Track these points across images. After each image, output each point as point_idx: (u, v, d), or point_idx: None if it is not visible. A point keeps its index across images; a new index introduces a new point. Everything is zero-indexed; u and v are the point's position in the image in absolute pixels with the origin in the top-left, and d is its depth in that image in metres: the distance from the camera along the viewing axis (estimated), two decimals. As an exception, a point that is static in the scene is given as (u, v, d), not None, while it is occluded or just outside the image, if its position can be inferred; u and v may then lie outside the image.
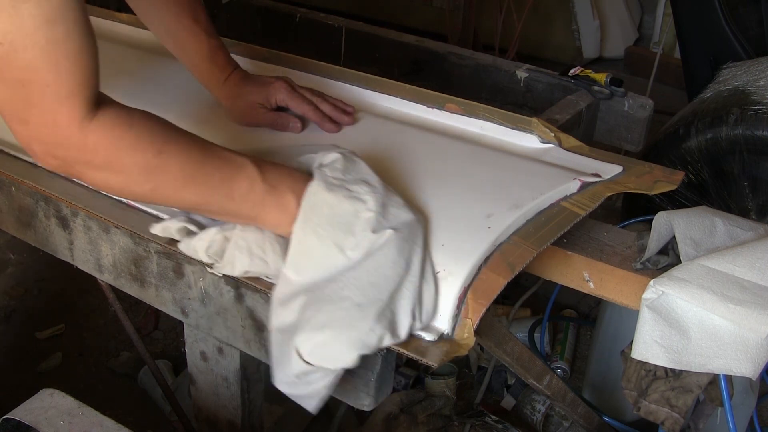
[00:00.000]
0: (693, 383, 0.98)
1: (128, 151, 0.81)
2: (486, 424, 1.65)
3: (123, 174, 0.83)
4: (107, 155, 0.81)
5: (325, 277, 0.85)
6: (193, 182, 0.86)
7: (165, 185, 0.85)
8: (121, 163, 0.82)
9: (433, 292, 0.86)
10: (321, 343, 0.81)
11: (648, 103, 1.48)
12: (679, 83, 2.44)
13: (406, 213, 0.90)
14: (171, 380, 1.78)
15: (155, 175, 0.84)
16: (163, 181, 0.84)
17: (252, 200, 0.89)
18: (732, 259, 0.90)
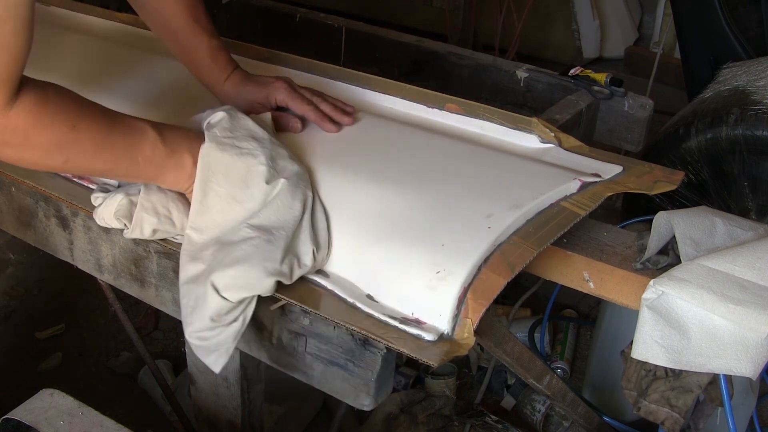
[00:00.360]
0: (693, 383, 0.98)
1: (45, 130, 0.85)
2: (486, 424, 1.65)
3: (39, 150, 0.87)
4: (26, 135, 0.84)
5: (228, 228, 0.95)
6: (102, 151, 0.92)
7: (77, 156, 0.90)
8: (37, 140, 0.86)
9: (324, 225, 0.97)
10: (237, 275, 0.88)
11: (648, 103, 1.48)
12: (679, 83, 2.44)
13: (293, 164, 1.00)
14: (171, 380, 1.78)
15: (69, 147, 0.88)
16: (75, 153, 0.90)
17: (154, 163, 0.95)
18: (732, 259, 0.90)
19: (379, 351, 0.88)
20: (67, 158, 0.90)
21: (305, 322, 0.93)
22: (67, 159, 0.90)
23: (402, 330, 0.85)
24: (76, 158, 0.90)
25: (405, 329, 0.85)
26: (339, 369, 0.92)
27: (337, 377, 0.93)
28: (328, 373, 0.93)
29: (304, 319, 0.93)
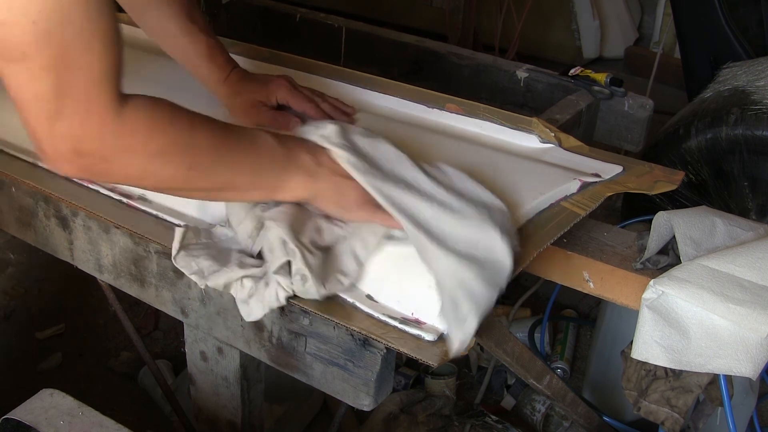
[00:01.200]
0: (693, 383, 0.98)
1: (166, 128, 0.80)
2: (486, 424, 1.65)
3: (161, 156, 0.80)
4: (147, 136, 0.78)
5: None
6: (222, 156, 0.85)
7: (200, 161, 0.83)
8: (159, 142, 0.79)
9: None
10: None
11: (648, 103, 1.48)
12: (679, 83, 2.44)
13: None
14: (171, 380, 1.78)
15: (191, 150, 0.82)
16: (198, 157, 0.83)
17: (276, 164, 0.89)
18: (732, 259, 0.90)
19: (379, 351, 0.88)
20: (191, 163, 0.82)
21: (305, 322, 0.93)
22: (190, 164, 0.82)
23: (402, 330, 0.85)
24: (199, 164, 0.83)
25: (405, 329, 0.85)
26: (339, 369, 0.92)
27: (337, 377, 0.93)
28: (328, 373, 0.93)
29: (304, 319, 0.93)
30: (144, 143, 0.78)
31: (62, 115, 0.73)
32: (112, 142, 0.77)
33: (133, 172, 0.81)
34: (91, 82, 0.74)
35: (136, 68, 1.33)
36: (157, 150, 0.80)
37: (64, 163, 0.77)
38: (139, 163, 0.80)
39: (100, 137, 0.76)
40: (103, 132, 0.76)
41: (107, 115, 0.75)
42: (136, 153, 0.79)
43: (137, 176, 0.82)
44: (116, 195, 1.08)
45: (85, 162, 0.77)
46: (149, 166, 0.81)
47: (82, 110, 0.74)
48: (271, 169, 0.89)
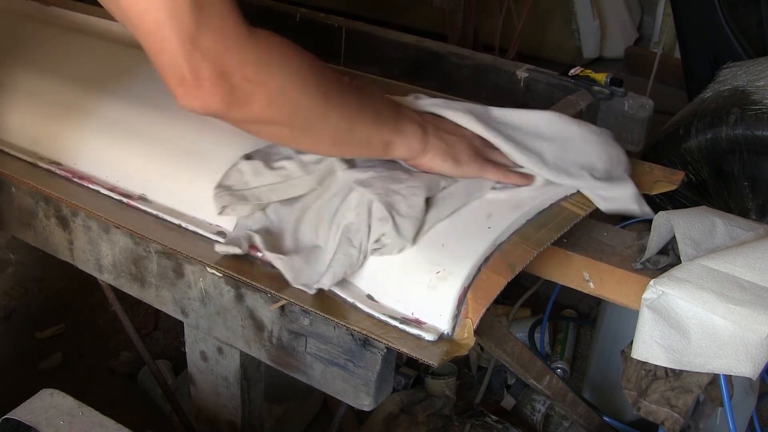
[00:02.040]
0: (693, 383, 0.98)
1: (297, 51, 0.81)
2: (486, 424, 1.65)
3: (299, 75, 0.80)
4: (281, 53, 0.79)
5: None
6: (347, 93, 0.87)
7: (332, 91, 0.84)
8: (294, 62, 0.80)
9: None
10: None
11: (648, 103, 1.47)
12: (679, 83, 2.44)
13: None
14: (171, 380, 1.78)
15: (322, 77, 0.83)
16: (329, 86, 0.84)
17: (391, 118, 0.92)
18: (732, 259, 0.90)
19: (379, 351, 0.88)
20: (325, 91, 0.83)
21: (305, 322, 0.93)
22: (325, 92, 0.83)
23: (402, 330, 0.85)
24: (331, 93, 0.83)
25: (405, 329, 0.85)
26: (339, 369, 0.92)
27: (337, 377, 0.93)
28: (328, 373, 0.93)
29: (304, 319, 0.93)
30: (280, 60, 0.79)
31: (203, 30, 0.73)
32: (255, 57, 0.77)
33: (275, 94, 0.79)
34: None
35: (137, 68, 1.33)
36: (296, 68, 0.80)
37: (208, 90, 0.75)
38: (280, 83, 0.79)
39: (242, 51, 0.75)
40: (244, 46, 0.76)
41: (245, 30, 0.76)
42: (277, 70, 0.79)
43: (279, 100, 0.80)
44: (116, 195, 1.08)
45: (229, 84, 0.76)
46: (289, 87, 0.80)
47: (220, 25, 0.74)
48: (386, 122, 0.91)
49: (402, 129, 0.93)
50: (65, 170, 1.14)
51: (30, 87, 1.27)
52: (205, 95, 0.76)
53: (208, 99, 0.76)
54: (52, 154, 1.17)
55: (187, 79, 0.75)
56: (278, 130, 0.85)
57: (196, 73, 0.74)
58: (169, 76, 0.76)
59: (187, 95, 0.76)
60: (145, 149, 1.12)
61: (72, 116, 1.20)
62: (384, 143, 0.93)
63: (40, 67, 1.32)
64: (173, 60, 0.74)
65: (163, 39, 0.73)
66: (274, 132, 0.86)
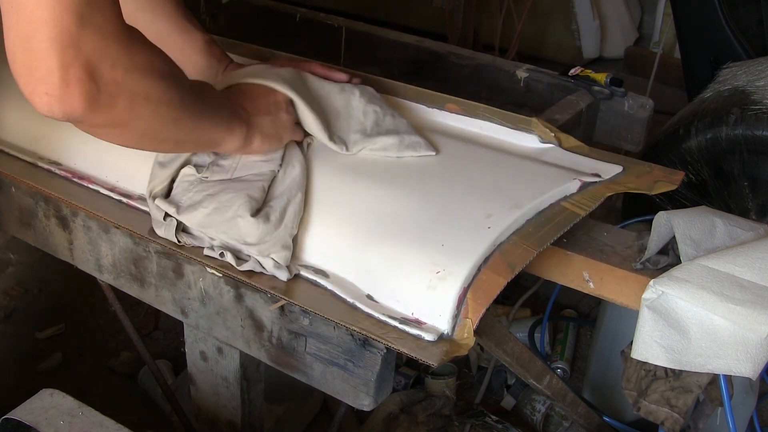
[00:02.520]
0: (693, 383, 0.98)
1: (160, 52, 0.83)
2: (486, 424, 1.65)
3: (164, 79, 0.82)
4: (150, 54, 0.80)
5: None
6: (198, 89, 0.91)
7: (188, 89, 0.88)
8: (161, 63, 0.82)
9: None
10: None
11: (648, 103, 1.47)
12: (679, 83, 2.44)
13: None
14: (171, 380, 1.78)
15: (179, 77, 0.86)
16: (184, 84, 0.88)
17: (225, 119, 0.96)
18: (732, 259, 0.90)
19: (379, 351, 0.88)
20: (181, 98, 0.85)
21: (305, 322, 0.93)
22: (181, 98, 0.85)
23: (402, 330, 0.85)
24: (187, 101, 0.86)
25: (405, 329, 0.85)
26: (339, 369, 0.92)
27: (337, 377, 0.93)
28: (328, 373, 0.93)
29: (304, 319, 0.93)
30: (147, 66, 0.78)
31: (85, 27, 0.70)
32: (127, 60, 0.75)
33: (138, 100, 0.78)
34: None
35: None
36: (160, 75, 0.81)
37: (74, 90, 0.72)
38: (144, 88, 0.79)
39: (116, 53, 0.74)
40: (119, 48, 0.74)
41: (123, 31, 0.75)
42: (143, 75, 0.78)
43: (140, 106, 0.79)
44: (116, 195, 1.08)
45: (97, 86, 0.73)
46: (153, 93, 0.80)
47: (102, 24, 0.72)
48: (220, 124, 0.95)
49: (231, 128, 0.97)
50: (65, 170, 1.14)
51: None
52: (69, 96, 0.72)
53: (72, 100, 0.72)
54: (51, 153, 1.17)
55: (53, 76, 0.70)
56: (128, 133, 0.84)
57: (66, 70, 0.70)
58: (33, 70, 0.71)
59: (49, 95, 0.72)
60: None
61: (72, 116, 1.20)
62: (214, 142, 0.97)
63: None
64: (44, 50, 0.69)
65: (38, 23, 0.68)
66: (123, 135, 0.84)
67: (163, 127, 0.86)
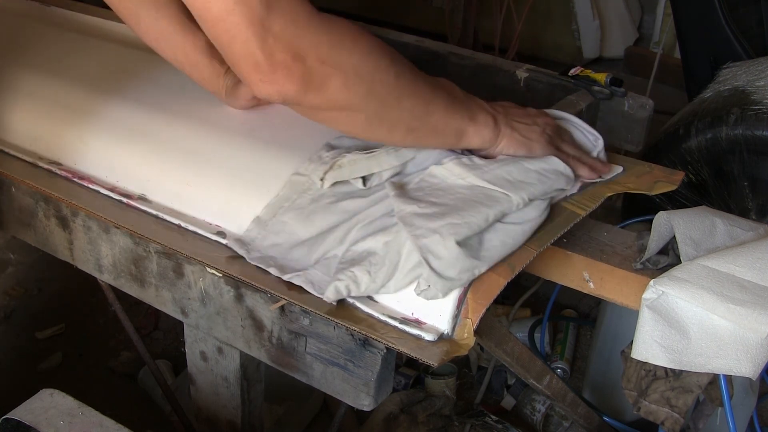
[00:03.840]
0: (693, 383, 0.98)
1: (365, 32, 0.82)
2: (486, 424, 1.65)
3: (371, 55, 0.81)
4: (353, 34, 0.80)
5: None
6: (419, 78, 0.86)
7: (404, 72, 0.84)
8: (365, 43, 0.81)
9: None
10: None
11: (648, 103, 1.47)
12: (679, 83, 2.44)
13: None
14: (171, 380, 1.78)
15: (394, 60, 0.83)
16: (402, 68, 0.84)
17: (465, 101, 0.91)
18: (732, 259, 0.90)
19: (379, 351, 0.88)
20: (397, 72, 0.82)
21: (305, 322, 0.93)
22: (397, 73, 0.82)
23: (402, 330, 0.85)
24: (403, 74, 0.83)
25: (405, 329, 0.85)
26: (339, 369, 0.92)
27: (337, 377, 0.93)
28: (328, 373, 0.93)
29: (304, 319, 0.93)
30: (353, 42, 0.79)
31: (273, 14, 0.73)
32: (327, 37, 0.77)
33: (350, 76, 0.79)
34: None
35: (137, 68, 1.33)
36: (368, 50, 0.80)
37: (284, 73, 0.75)
38: (354, 64, 0.79)
39: (314, 33, 0.76)
40: (315, 27, 0.76)
41: (314, 12, 0.76)
42: (350, 51, 0.79)
43: (354, 82, 0.80)
44: (116, 195, 1.08)
45: (305, 66, 0.76)
46: (363, 68, 0.80)
47: (288, 8, 0.74)
48: (459, 110, 0.90)
49: (475, 117, 0.92)
50: (65, 170, 1.14)
51: (30, 87, 1.27)
52: (281, 79, 0.76)
53: (285, 83, 0.76)
54: (52, 154, 1.17)
55: (261, 65, 0.75)
56: (353, 116, 0.84)
57: (271, 58, 0.74)
58: (243, 64, 0.75)
59: (263, 81, 0.76)
60: (145, 149, 1.12)
61: (72, 116, 1.20)
62: (457, 131, 0.92)
63: (40, 67, 1.32)
64: (246, 46, 0.74)
65: (234, 26, 0.73)
66: (349, 119, 0.85)
67: (385, 108, 0.84)
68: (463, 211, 0.87)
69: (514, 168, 0.96)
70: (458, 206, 0.89)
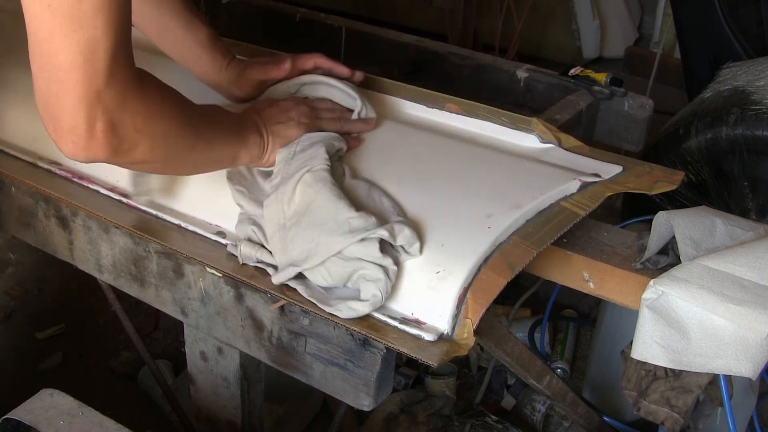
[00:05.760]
0: (693, 383, 0.98)
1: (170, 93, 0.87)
2: (486, 424, 1.65)
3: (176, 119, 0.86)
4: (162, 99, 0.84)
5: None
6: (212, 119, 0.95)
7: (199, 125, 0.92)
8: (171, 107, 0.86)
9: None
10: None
11: (648, 103, 1.48)
12: (679, 83, 2.44)
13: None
14: (171, 380, 1.78)
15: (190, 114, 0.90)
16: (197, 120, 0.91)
17: (232, 129, 0.98)
18: (732, 259, 0.90)
19: (379, 351, 0.88)
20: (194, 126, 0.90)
21: (305, 322, 0.93)
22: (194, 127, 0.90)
23: (402, 330, 0.85)
24: (200, 128, 0.91)
25: (405, 329, 0.85)
26: (339, 369, 0.92)
27: (337, 377, 0.93)
28: (328, 373, 0.93)
29: (304, 319, 0.93)
30: (162, 108, 0.84)
31: (110, 84, 0.75)
32: (144, 107, 0.80)
33: (157, 140, 0.84)
34: (128, 47, 0.78)
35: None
36: (173, 113, 0.86)
37: (99, 141, 0.78)
38: (162, 129, 0.84)
39: (135, 104, 0.79)
40: (137, 98, 0.79)
41: (138, 82, 0.80)
42: (160, 118, 0.83)
43: (159, 145, 0.85)
44: (116, 195, 1.08)
45: (119, 136, 0.79)
46: (169, 132, 0.85)
47: (123, 79, 0.77)
48: (234, 139, 0.98)
49: (246, 140, 1.00)
50: (65, 170, 1.14)
51: (30, 87, 1.27)
52: (93, 146, 0.78)
53: (96, 150, 0.79)
54: (51, 153, 1.17)
55: (79, 129, 0.77)
56: (151, 166, 0.93)
57: (91, 125, 0.77)
58: (60, 123, 0.77)
59: (75, 144, 0.78)
60: (145, 149, 1.12)
61: (72, 116, 1.20)
62: (232, 157, 1.00)
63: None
64: (72, 107, 0.75)
65: (69, 83, 0.74)
66: (146, 168, 0.94)
67: (179, 158, 0.92)
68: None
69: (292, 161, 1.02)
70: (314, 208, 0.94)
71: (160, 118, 0.84)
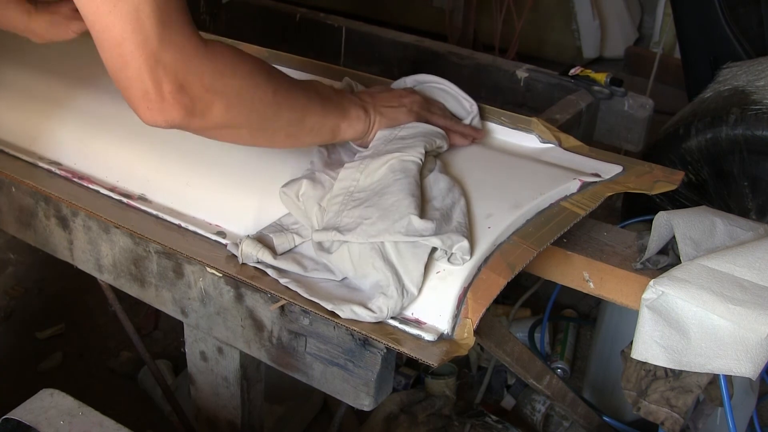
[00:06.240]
0: (693, 383, 0.98)
1: (243, 56, 0.87)
2: (486, 424, 1.65)
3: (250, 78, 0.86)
4: (233, 60, 0.85)
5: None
6: (295, 86, 0.93)
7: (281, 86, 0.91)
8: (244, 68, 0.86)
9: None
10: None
11: (648, 103, 1.48)
12: (679, 83, 2.44)
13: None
14: (171, 380, 1.78)
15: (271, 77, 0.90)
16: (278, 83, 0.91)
17: (336, 98, 0.99)
18: (732, 259, 0.90)
19: (379, 351, 0.88)
20: (274, 88, 0.89)
21: (305, 322, 0.93)
22: (275, 89, 0.89)
23: (402, 330, 0.85)
24: (281, 88, 0.90)
25: (405, 329, 0.85)
26: (339, 369, 0.92)
27: (337, 377, 0.93)
28: (328, 373, 0.93)
29: (304, 319, 0.93)
30: (234, 67, 0.84)
31: (165, 46, 0.78)
32: (211, 67, 0.82)
33: (232, 99, 0.85)
34: (182, 12, 0.79)
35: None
36: (248, 73, 0.86)
37: (170, 103, 0.80)
38: (235, 88, 0.85)
39: (199, 63, 0.81)
40: (201, 58, 0.81)
41: (201, 43, 0.81)
42: (231, 76, 0.84)
43: (235, 104, 0.85)
44: (116, 195, 1.08)
45: (189, 96, 0.81)
46: (244, 91, 0.86)
47: (180, 41, 0.79)
48: (332, 110, 0.98)
49: (347, 114, 1.00)
50: (65, 170, 1.14)
51: (30, 87, 1.27)
52: (167, 108, 0.80)
53: (171, 111, 0.81)
54: (51, 153, 1.17)
55: (150, 94, 0.79)
56: (237, 132, 0.91)
57: (159, 87, 0.79)
58: (132, 91, 0.80)
59: (151, 109, 0.80)
60: (145, 149, 1.12)
61: (72, 116, 1.20)
62: (332, 129, 0.99)
63: (40, 67, 1.32)
64: (137, 74, 0.78)
65: (127, 54, 0.77)
66: (233, 134, 0.91)
67: (265, 121, 0.91)
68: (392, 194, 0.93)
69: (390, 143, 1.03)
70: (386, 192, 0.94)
71: (231, 76, 0.84)
